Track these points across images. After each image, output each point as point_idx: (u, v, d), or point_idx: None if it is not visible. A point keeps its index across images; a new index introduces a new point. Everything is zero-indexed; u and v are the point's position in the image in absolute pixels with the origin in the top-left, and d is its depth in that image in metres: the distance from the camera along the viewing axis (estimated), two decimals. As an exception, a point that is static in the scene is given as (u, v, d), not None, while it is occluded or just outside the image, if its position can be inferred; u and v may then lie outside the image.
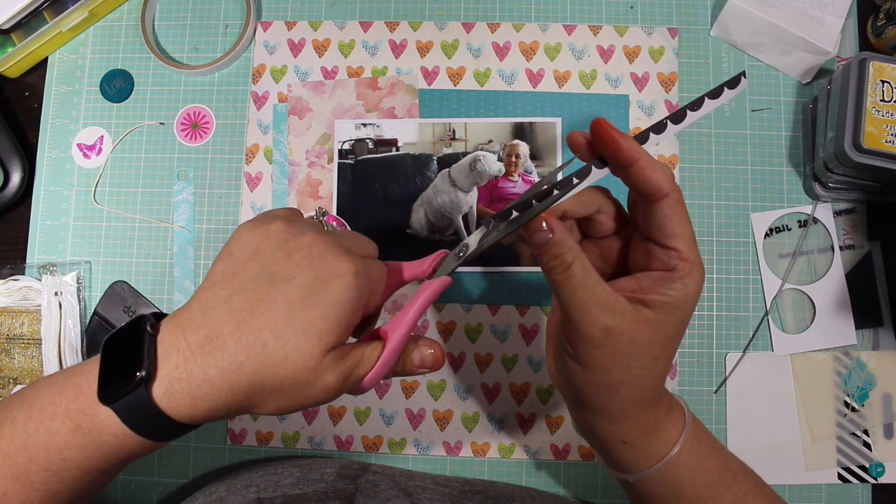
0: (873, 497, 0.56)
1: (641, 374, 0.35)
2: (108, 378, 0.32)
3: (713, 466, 0.38)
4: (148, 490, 0.57)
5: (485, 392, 0.57)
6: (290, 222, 0.35)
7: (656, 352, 0.35)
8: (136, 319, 0.33)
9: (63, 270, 0.59)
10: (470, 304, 0.58)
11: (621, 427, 0.37)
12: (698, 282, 0.35)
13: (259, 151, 0.60)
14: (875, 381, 0.57)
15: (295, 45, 0.62)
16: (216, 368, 0.31)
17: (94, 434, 0.32)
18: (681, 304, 0.35)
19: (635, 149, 0.34)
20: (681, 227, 0.34)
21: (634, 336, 0.34)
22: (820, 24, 0.57)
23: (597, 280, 0.35)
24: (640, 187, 0.34)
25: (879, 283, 0.58)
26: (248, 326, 0.32)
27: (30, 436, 0.32)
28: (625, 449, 0.38)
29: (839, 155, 0.52)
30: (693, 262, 0.35)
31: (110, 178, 0.61)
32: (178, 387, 0.31)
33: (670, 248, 0.35)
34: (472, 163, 0.59)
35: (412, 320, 0.36)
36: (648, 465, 0.38)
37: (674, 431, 0.38)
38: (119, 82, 0.62)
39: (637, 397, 0.36)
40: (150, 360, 0.31)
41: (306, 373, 0.32)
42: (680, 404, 0.40)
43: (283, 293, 0.32)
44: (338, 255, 0.34)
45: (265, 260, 0.33)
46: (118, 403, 0.31)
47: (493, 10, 0.62)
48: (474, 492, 0.52)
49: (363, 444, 0.57)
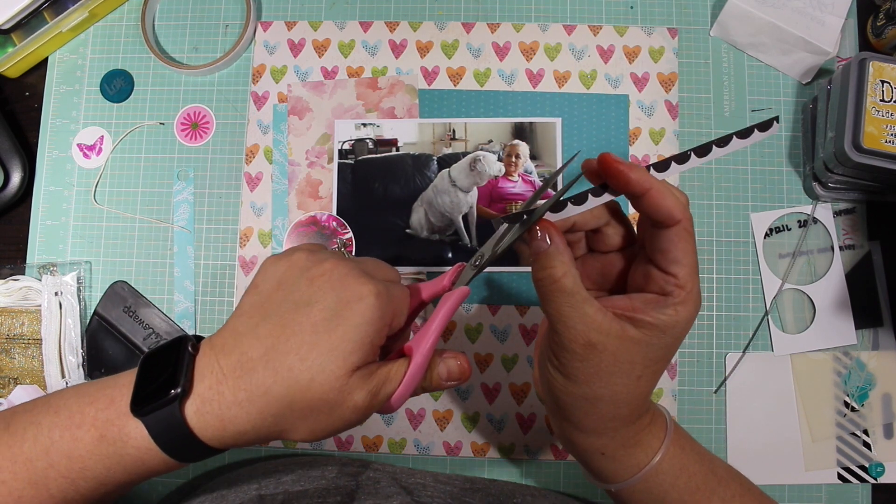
0: (873, 497, 0.56)
1: (621, 390, 0.36)
2: (144, 391, 0.33)
3: (697, 472, 0.39)
4: (148, 490, 0.57)
5: (485, 392, 0.57)
6: (312, 252, 0.36)
7: (639, 371, 0.35)
8: (178, 339, 0.35)
9: (63, 270, 0.59)
10: (470, 304, 0.58)
11: (599, 440, 0.38)
12: (691, 311, 0.35)
13: (259, 151, 0.60)
14: (875, 381, 0.57)
15: (295, 45, 0.62)
16: (245, 392, 0.32)
17: (117, 445, 0.32)
18: (669, 329, 0.34)
19: (644, 179, 0.34)
20: (684, 254, 0.34)
21: (617, 354, 0.35)
22: (820, 24, 0.57)
23: (585, 297, 0.35)
24: (652, 215, 0.35)
25: (879, 283, 0.58)
26: (274, 351, 0.33)
27: (53, 442, 0.33)
28: (604, 460, 0.39)
29: (839, 155, 0.52)
30: (689, 292, 0.34)
31: (110, 178, 0.61)
32: (209, 407, 0.32)
33: (669, 274, 0.35)
34: (472, 163, 0.59)
35: (436, 334, 0.36)
36: (629, 475, 0.38)
37: (654, 441, 0.38)
38: (119, 82, 0.62)
39: (616, 413, 0.37)
40: (188, 378, 0.33)
41: (333, 393, 0.32)
42: (661, 414, 0.40)
43: (306, 317, 0.33)
44: (358, 278, 0.34)
45: (289, 288, 0.35)
46: (149, 417, 0.32)
47: (493, 10, 0.62)
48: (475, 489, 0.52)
49: (363, 444, 0.57)
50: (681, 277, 0.34)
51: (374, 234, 0.59)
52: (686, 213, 0.34)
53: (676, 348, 0.36)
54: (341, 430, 0.34)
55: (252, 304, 0.35)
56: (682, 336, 0.35)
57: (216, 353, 0.34)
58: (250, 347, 0.33)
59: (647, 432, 0.38)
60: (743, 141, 0.35)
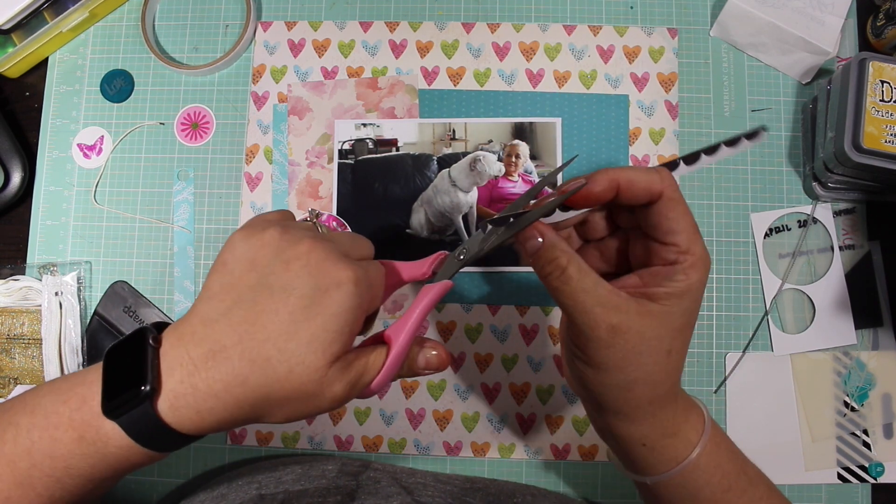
0: (873, 497, 0.56)
1: (655, 369, 0.35)
2: (112, 391, 0.32)
3: (731, 471, 0.38)
4: (148, 490, 0.57)
5: (485, 392, 0.57)
6: (285, 229, 0.34)
7: (667, 345, 0.35)
8: (138, 331, 0.33)
9: (63, 270, 0.59)
10: (470, 304, 0.58)
11: (641, 428, 0.37)
12: (702, 271, 0.34)
13: (259, 151, 0.60)
14: (875, 381, 0.57)
15: (295, 45, 0.62)
16: (221, 383, 0.31)
17: (98, 445, 0.32)
18: (685, 293, 0.34)
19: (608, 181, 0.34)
20: (678, 222, 0.34)
21: (642, 331, 0.34)
22: (820, 24, 0.57)
23: (595, 279, 0.34)
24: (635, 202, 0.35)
25: (879, 283, 0.58)
26: (250, 339, 0.31)
27: (33, 443, 0.32)
28: (644, 451, 0.38)
29: (839, 155, 0.52)
30: (695, 254, 0.34)
31: (110, 178, 0.61)
32: (184, 401, 0.31)
33: (670, 245, 0.34)
34: (472, 163, 0.59)
35: (415, 324, 0.36)
36: (667, 468, 0.37)
37: (693, 434, 0.37)
38: (119, 82, 0.62)
39: (653, 395, 0.36)
40: (154, 374, 0.31)
41: (312, 385, 0.32)
42: (698, 406, 0.39)
43: (283, 305, 0.32)
44: (336, 263, 0.33)
45: (262, 270, 0.33)
46: (123, 418, 0.31)
47: (493, 10, 0.62)
48: (475, 489, 0.52)
49: (363, 444, 0.57)
50: (682, 243, 0.34)
51: (374, 234, 0.59)
52: (664, 181, 0.34)
53: (697, 311, 0.36)
54: (317, 414, 0.34)
55: (222, 284, 0.33)
56: (699, 297, 0.35)
57: (184, 344, 0.32)
58: (223, 335, 0.32)
59: (686, 422, 0.37)
60: (731, 149, 0.36)
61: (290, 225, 0.35)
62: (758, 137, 0.36)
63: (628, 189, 0.34)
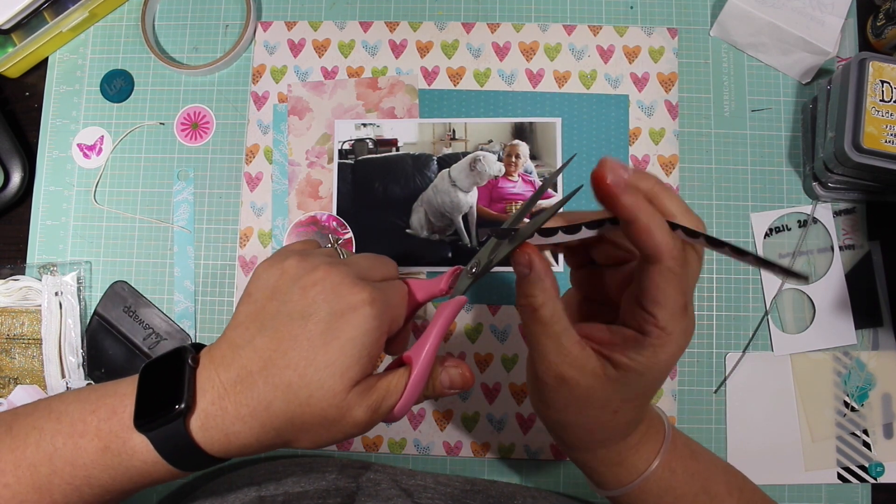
0: (873, 497, 0.56)
1: (595, 421, 0.35)
2: (146, 406, 0.32)
3: (686, 493, 0.39)
4: (148, 490, 0.57)
5: (485, 392, 0.57)
6: (304, 257, 0.35)
7: (615, 406, 0.35)
8: (177, 350, 0.34)
9: (63, 270, 0.59)
10: (470, 304, 0.58)
11: (582, 455, 0.38)
12: (671, 354, 0.32)
13: (259, 151, 0.60)
14: (875, 381, 0.57)
15: (295, 45, 0.62)
16: (247, 408, 0.32)
17: (123, 457, 0.32)
18: (646, 371, 0.33)
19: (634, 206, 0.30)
20: (665, 296, 0.31)
21: (591, 390, 0.34)
22: (820, 24, 0.57)
23: (563, 328, 0.34)
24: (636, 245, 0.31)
25: (879, 283, 0.58)
26: (273, 366, 0.32)
27: (56, 449, 0.32)
28: (589, 471, 0.39)
29: (839, 155, 0.52)
30: (669, 335, 0.32)
31: (110, 178, 0.61)
32: (214, 422, 0.32)
33: (649, 313, 0.32)
34: (472, 163, 0.59)
35: (435, 343, 0.36)
36: (613, 488, 0.39)
37: (641, 462, 0.38)
38: (119, 82, 0.62)
39: (592, 438, 0.37)
40: (191, 393, 0.32)
41: (332, 410, 0.32)
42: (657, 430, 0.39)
43: (302, 330, 0.32)
44: (351, 286, 0.33)
45: (282, 298, 0.34)
46: (154, 432, 0.32)
47: (493, 10, 0.62)
48: (475, 491, 0.52)
49: (363, 444, 0.57)
50: (660, 319, 0.32)
51: (374, 234, 0.59)
52: (674, 252, 0.30)
53: (657, 387, 0.35)
54: (344, 440, 0.34)
55: (247, 314, 0.34)
56: (661, 377, 0.34)
57: (216, 367, 0.33)
58: (249, 361, 0.33)
59: (635, 454, 0.38)
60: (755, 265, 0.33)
61: (310, 252, 0.36)
62: (793, 278, 0.30)
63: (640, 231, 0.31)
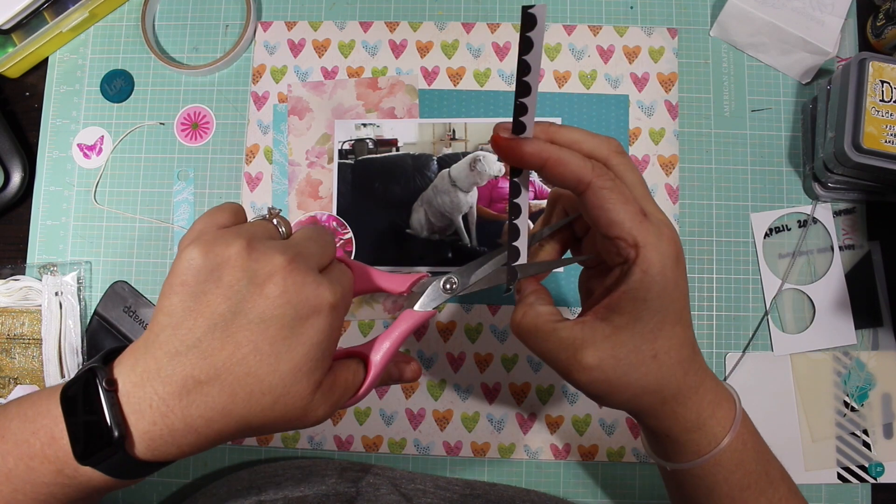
0: (873, 497, 0.56)
1: (646, 380, 0.33)
2: (81, 444, 0.29)
3: (753, 471, 0.37)
4: (148, 490, 0.57)
5: (485, 392, 0.57)
6: (250, 245, 0.31)
7: (649, 350, 0.32)
8: (84, 373, 0.30)
9: (63, 270, 0.59)
10: (470, 304, 0.58)
11: (663, 423, 0.36)
12: (660, 263, 0.31)
13: (259, 151, 0.60)
14: (875, 380, 0.57)
15: (295, 46, 0.62)
16: (201, 419, 0.30)
17: (79, 480, 0.30)
18: (646, 293, 0.31)
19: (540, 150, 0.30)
20: (614, 212, 0.30)
21: (616, 355, 0.32)
22: (820, 24, 0.57)
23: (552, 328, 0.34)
24: (561, 185, 0.31)
25: (879, 283, 0.58)
26: (228, 374, 0.29)
27: (10, 469, 0.30)
28: (668, 441, 0.37)
29: (839, 155, 0.52)
30: (643, 245, 0.30)
31: (110, 178, 0.61)
32: (161, 441, 0.30)
33: (615, 239, 0.31)
34: (472, 163, 0.59)
35: (394, 348, 0.36)
36: (689, 459, 0.37)
37: (719, 430, 0.36)
38: (119, 82, 0.62)
39: (659, 399, 0.34)
40: (119, 421, 0.29)
41: (297, 412, 0.31)
42: (730, 398, 0.37)
43: (263, 335, 0.30)
44: (314, 286, 0.31)
45: (233, 294, 0.30)
46: (101, 465, 0.30)
47: (493, 10, 0.62)
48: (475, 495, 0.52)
49: (363, 444, 0.57)
50: (625, 235, 0.31)
51: (374, 234, 0.59)
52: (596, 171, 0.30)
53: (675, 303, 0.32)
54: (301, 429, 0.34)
55: (186, 310, 0.30)
56: (668, 290, 0.32)
57: (150, 382, 0.29)
58: (195, 369, 0.29)
59: (712, 418, 0.36)
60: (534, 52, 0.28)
61: (254, 235, 0.32)
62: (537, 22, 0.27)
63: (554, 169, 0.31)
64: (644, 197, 0.33)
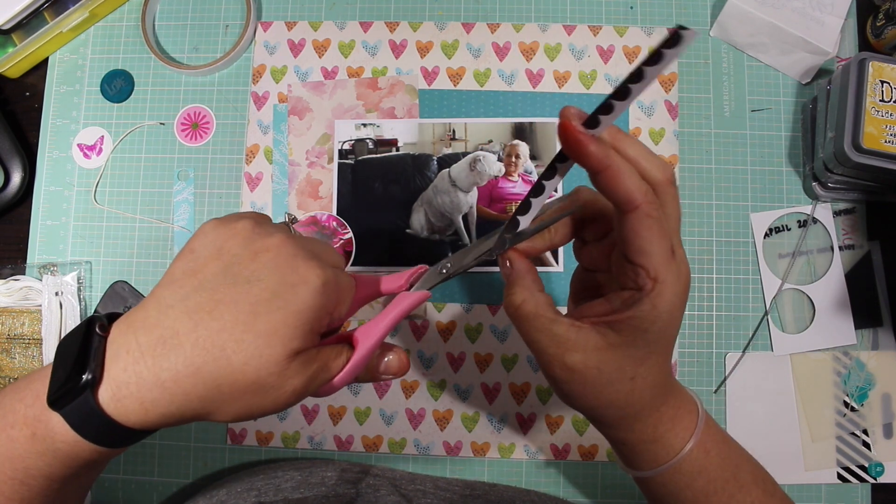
0: (872, 497, 0.56)
1: (617, 397, 0.34)
2: (57, 383, 0.30)
3: (718, 478, 0.38)
4: (148, 490, 0.57)
5: (485, 392, 0.57)
6: (258, 223, 0.34)
7: (630, 373, 0.34)
8: (86, 320, 0.31)
9: (63, 270, 0.59)
10: (470, 304, 0.58)
11: (618, 433, 0.37)
12: (669, 302, 0.32)
13: (259, 151, 0.60)
14: (874, 380, 0.57)
15: (295, 46, 0.62)
16: (169, 372, 0.30)
17: (48, 441, 0.30)
18: (650, 325, 0.32)
19: (604, 154, 0.30)
20: (650, 243, 0.31)
21: (601, 366, 0.33)
22: (820, 24, 0.57)
23: (551, 318, 0.34)
24: (609, 196, 0.31)
25: (879, 283, 0.58)
26: (205, 328, 0.30)
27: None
28: (625, 450, 0.38)
29: (839, 155, 0.52)
30: (663, 282, 0.31)
31: (110, 178, 0.61)
32: (127, 391, 0.30)
33: (638, 265, 0.31)
34: (472, 163, 0.59)
35: (385, 330, 0.36)
36: (648, 468, 0.38)
37: (677, 441, 0.37)
38: (119, 82, 0.62)
39: (619, 415, 0.36)
40: (97, 362, 0.30)
41: (270, 378, 0.31)
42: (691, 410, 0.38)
43: (245, 295, 0.31)
44: (307, 261, 0.32)
45: (229, 259, 0.32)
46: (66, 409, 0.30)
47: (493, 10, 0.62)
48: (475, 496, 0.52)
49: (363, 444, 0.57)
50: (651, 268, 0.31)
51: (374, 234, 0.59)
52: (647, 196, 0.30)
53: (670, 338, 0.34)
54: (272, 412, 0.32)
55: (185, 270, 0.32)
56: (668, 328, 0.33)
57: (134, 331, 0.31)
58: (176, 321, 0.30)
59: (670, 431, 0.37)
60: (657, 67, 0.28)
61: (265, 220, 0.35)
62: (682, 42, 0.27)
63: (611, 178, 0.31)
64: (676, 232, 0.33)
